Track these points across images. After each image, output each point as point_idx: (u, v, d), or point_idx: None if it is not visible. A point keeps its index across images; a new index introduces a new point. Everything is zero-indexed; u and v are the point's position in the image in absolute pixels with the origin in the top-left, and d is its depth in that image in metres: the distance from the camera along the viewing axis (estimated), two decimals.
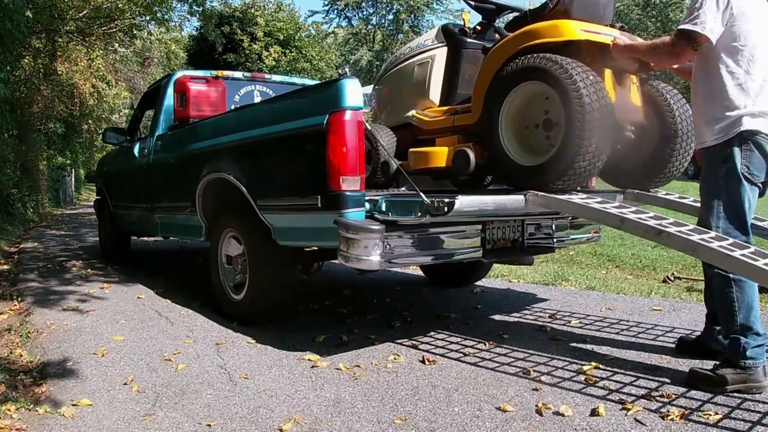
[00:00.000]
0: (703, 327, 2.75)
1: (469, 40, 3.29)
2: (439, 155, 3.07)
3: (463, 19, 3.38)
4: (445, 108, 3.23)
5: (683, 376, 2.43)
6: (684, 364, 2.59)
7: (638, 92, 2.95)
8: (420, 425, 2.03)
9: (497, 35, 3.24)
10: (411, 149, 3.25)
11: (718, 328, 2.56)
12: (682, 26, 2.33)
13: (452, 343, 3.03)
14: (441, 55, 3.31)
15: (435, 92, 3.31)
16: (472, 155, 2.90)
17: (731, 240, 2.17)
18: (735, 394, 2.23)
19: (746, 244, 2.15)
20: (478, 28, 3.37)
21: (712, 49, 2.33)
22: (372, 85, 3.97)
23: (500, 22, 3.41)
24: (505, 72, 2.73)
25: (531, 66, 2.61)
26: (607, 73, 2.75)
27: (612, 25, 2.83)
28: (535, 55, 2.62)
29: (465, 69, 3.25)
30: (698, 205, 2.99)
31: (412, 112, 3.35)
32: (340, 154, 2.54)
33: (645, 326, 3.28)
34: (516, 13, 3.12)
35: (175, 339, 3.14)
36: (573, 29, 2.59)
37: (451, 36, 3.31)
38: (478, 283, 4.62)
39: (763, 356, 2.26)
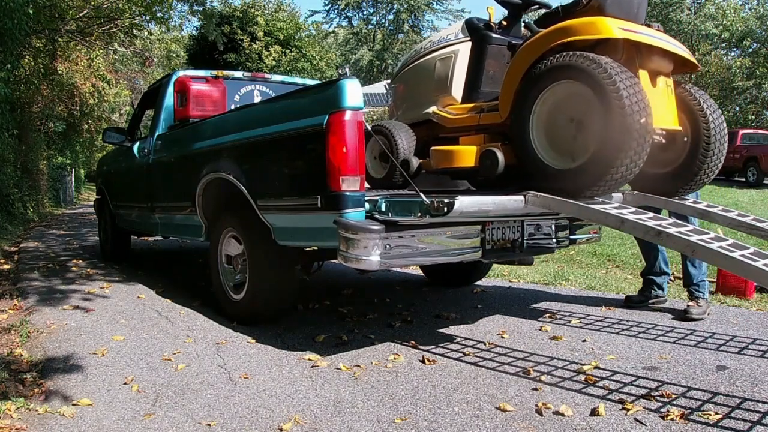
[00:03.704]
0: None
1: (494, 35, 3.15)
2: (466, 155, 2.93)
3: (489, 14, 3.24)
4: (470, 105, 3.09)
5: (683, 376, 2.44)
6: (683, 365, 2.60)
7: (672, 95, 2.84)
8: (420, 425, 2.04)
9: (527, 31, 3.07)
10: (433, 147, 3.11)
11: (658, 280, 3.79)
12: None
13: (452, 343, 3.04)
14: (465, 50, 3.16)
15: (457, 88, 3.16)
16: (500, 156, 2.77)
17: (730, 240, 2.17)
18: (735, 394, 2.25)
19: (745, 245, 2.15)
20: (504, 23, 3.24)
21: None
22: (389, 81, 3.84)
23: (529, 18, 3.26)
24: (538, 70, 2.60)
25: (567, 64, 2.49)
26: (643, 74, 2.62)
27: (649, 25, 2.71)
28: (572, 53, 2.49)
29: (489, 65, 3.11)
30: (698, 206, 3.01)
31: (433, 109, 3.21)
32: (340, 154, 2.54)
33: (645, 326, 3.29)
34: (543, 9, 3.02)
35: (175, 339, 3.14)
36: (610, 27, 2.45)
37: (476, 31, 3.17)
38: (478, 283, 4.62)
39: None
